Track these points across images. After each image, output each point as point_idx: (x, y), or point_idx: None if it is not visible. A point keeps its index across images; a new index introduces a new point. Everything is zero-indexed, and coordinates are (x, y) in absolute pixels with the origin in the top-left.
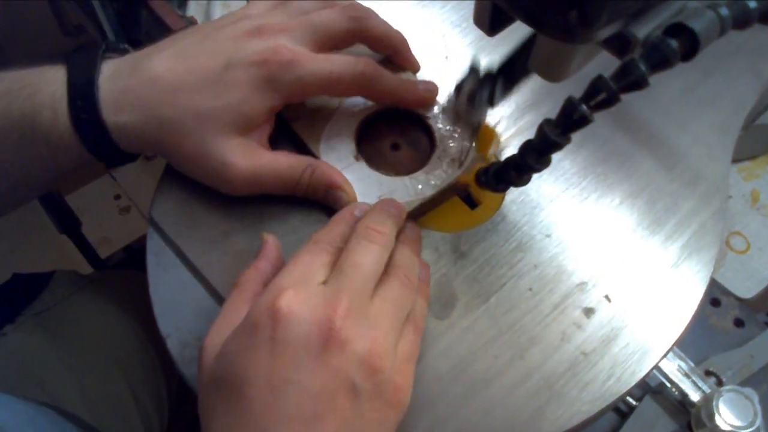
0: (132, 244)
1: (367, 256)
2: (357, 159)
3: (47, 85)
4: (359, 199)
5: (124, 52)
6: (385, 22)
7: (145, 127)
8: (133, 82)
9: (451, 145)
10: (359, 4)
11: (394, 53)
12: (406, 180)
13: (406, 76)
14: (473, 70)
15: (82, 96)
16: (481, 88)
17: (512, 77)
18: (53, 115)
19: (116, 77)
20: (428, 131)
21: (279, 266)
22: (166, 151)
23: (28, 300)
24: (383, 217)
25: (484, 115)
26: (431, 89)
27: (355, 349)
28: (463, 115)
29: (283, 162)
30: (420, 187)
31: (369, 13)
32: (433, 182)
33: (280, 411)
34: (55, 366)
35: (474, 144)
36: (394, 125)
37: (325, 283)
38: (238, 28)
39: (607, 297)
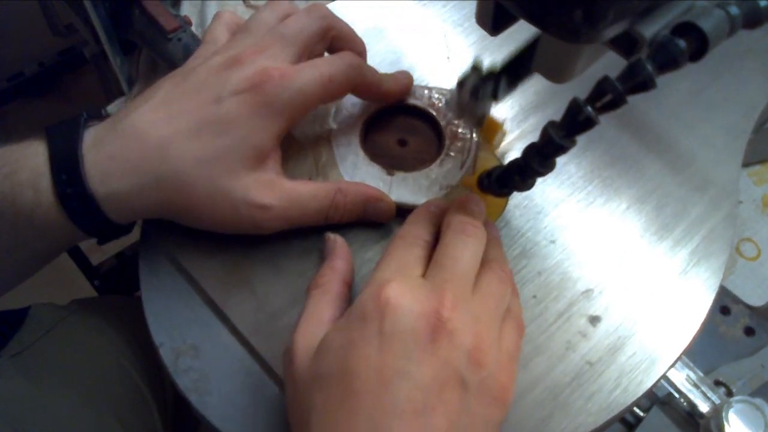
0: (124, 250)
1: (466, 250)
2: (362, 155)
3: (26, 161)
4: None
5: (105, 117)
6: (346, 23)
7: (141, 191)
8: (118, 145)
9: (459, 136)
10: (319, 4)
11: (363, 52)
12: (412, 177)
13: None
14: (476, 67)
15: (66, 169)
16: (485, 82)
17: (517, 75)
18: (35, 193)
19: (99, 144)
20: (435, 126)
21: (352, 264)
22: (174, 212)
23: (4, 340)
24: (474, 210)
25: (488, 108)
26: (408, 76)
27: (463, 342)
28: (467, 109)
29: (308, 192)
30: (429, 185)
31: (331, 12)
32: (443, 181)
33: (392, 403)
34: (38, 414)
35: (477, 139)
36: (400, 120)
37: (423, 276)
38: (213, 63)
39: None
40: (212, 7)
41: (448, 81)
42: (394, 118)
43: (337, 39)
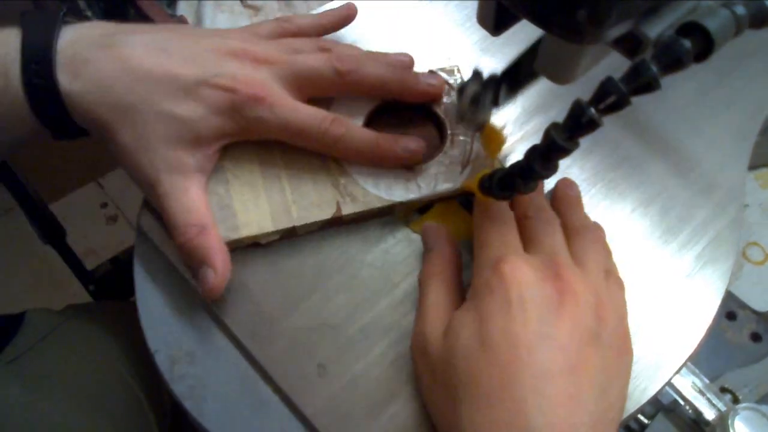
0: (119, 255)
1: (555, 235)
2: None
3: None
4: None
5: (85, 19)
6: (378, 67)
7: (98, 104)
8: (100, 55)
9: (461, 138)
10: (351, 55)
11: (397, 97)
12: (409, 174)
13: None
14: (476, 74)
15: (38, 59)
16: (485, 89)
17: (517, 80)
18: (4, 79)
19: (80, 45)
20: (438, 123)
21: (458, 249)
22: (107, 135)
23: None
24: (543, 201)
25: (488, 115)
26: (412, 150)
27: (587, 300)
28: (467, 116)
29: (187, 206)
30: (423, 184)
31: (359, 65)
32: (438, 180)
33: (539, 367)
34: (34, 421)
35: (478, 145)
36: (405, 115)
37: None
38: (223, 44)
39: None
40: (209, 6)
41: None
42: (395, 113)
43: (362, 90)
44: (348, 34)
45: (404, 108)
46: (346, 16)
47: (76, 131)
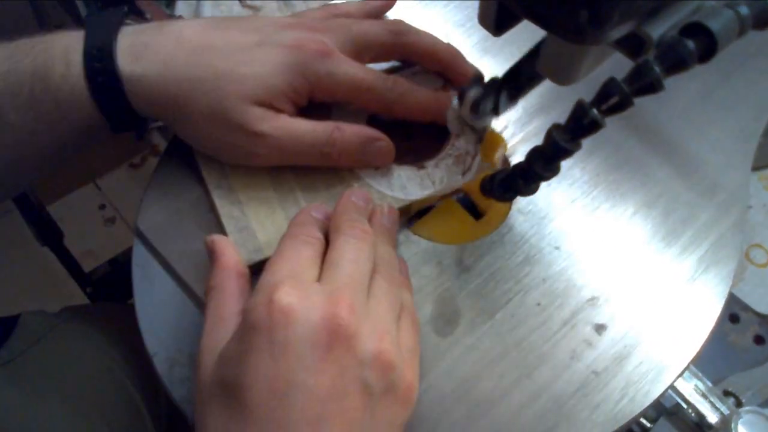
0: (117, 256)
1: (359, 253)
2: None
3: (63, 39)
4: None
5: (146, 20)
6: (430, 37)
7: (162, 84)
8: (157, 38)
9: (462, 141)
10: (403, 21)
11: (444, 68)
12: (421, 172)
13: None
14: (477, 77)
15: (99, 45)
16: (486, 95)
17: (519, 85)
18: (66, 66)
19: (139, 32)
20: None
21: (238, 256)
22: (179, 113)
23: None
24: (361, 207)
25: (489, 121)
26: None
27: (365, 347)
28: (467, 122)
29: (304, 126)
30: (436, 179)
31: (412, 29)
32: (438, 179)
33: (285, 416)
34: (29, 424)
35: (478, 152)
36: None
37: (318, 280)
38: (277, 20)
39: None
40: (207, 6)
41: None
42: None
43: (414, 54)
44: None
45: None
46: (387, 3)
47: (135, 122)
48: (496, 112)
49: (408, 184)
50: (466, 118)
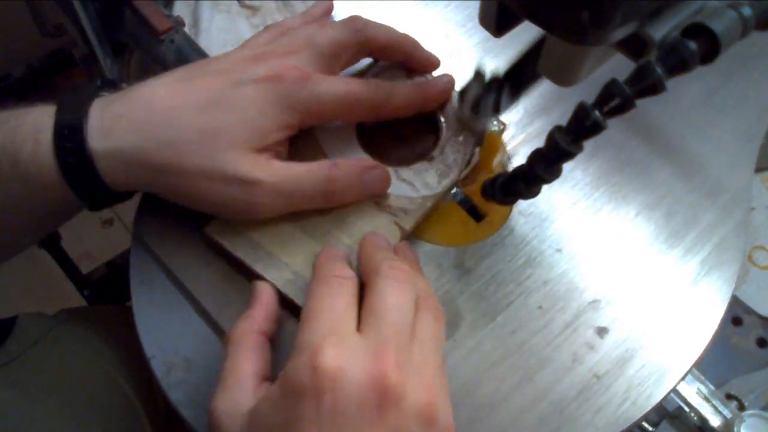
0: (115, 259)
1: (402, 298)
2: (357, 149)
3: (34, 117)
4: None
5: (120, 89)
6: (387, 28)
7: (140, 154)
8: (127, 107)
9: (454, 148)
10: (359, 16)
11: (406, 58)
12: (391, 172)
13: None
14: (478, 75)
15: (69, 124)
16: (487, 94)
17: (520, 83)
18: (35, 145)
19: (109, 104)
20: (435, 122)
21: (275, 312)
22: (167, 181)
23: None
24: (390, 250)
25: (489, 122)
26: (448, 83)
27: (412, 403)
28: (467, 123)
29: (301, 168)
30: (404, 185)
31: (369, 22)
32: (417, 182)
33: None
34: (25, 427)
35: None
36: (419, 122)
37: (359, 331)
38: (239, 56)
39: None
40: (206, 6)
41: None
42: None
43: (376, 49)
44: None
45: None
46: (328, 9)
47: (112, 198)
48: (497, 110)
49: (428, 179)
50: (466, 117)
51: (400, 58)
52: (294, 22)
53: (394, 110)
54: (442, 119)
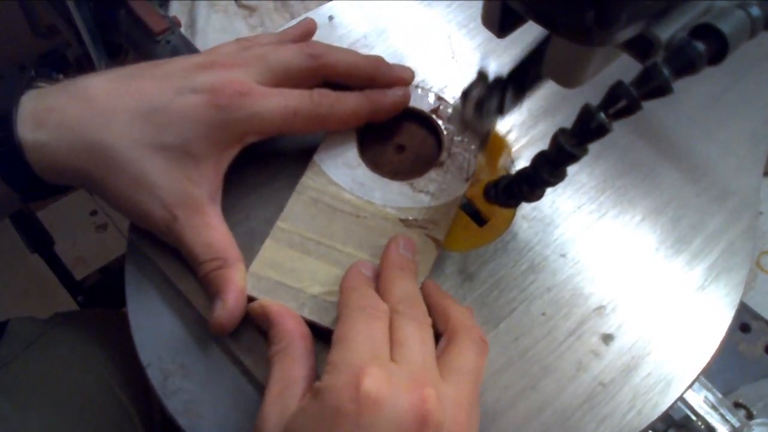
0: (109, 264)
1: (423, 334)
2: (358, 161)
3: None
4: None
5: (56, 81)
6: (350, 54)
7: (69, 152)
8: (62, 100)
9: (460, 149)
10: (319, 42)
11: (371, 82)
12: (384, 183)
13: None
14: (482, 75)
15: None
16: (490, 95)
17: (524, 84)
18: None
19: (43, 95)
20: (436, 131)
21: (299, 317)
22: (95, 185)
23: None
24: (411, 270)
25: (493, 124)
26: (402, 96)
27: (449, 428)
28: (471, 124)
29: (207, 236)
30: (422, 196)
31: (330, 49)
32: (434, 191)
33: None
34: None
35: (481, 155)
36: (400, 125)
37: (393, 359)
38: (190, 61)
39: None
40: (203, 7)
41: (452, 82)
42: (394, 121)
43: (335, 75)
44: (348, 35)
45: (401, 117)
46: (307, 30)
47: (47, 190)
48: (501, 112)
49: (444, 184)
50: (470, 118)
51: (361, 84)
52: (264, 39)
53: (340, 122)
54: (441, 123)
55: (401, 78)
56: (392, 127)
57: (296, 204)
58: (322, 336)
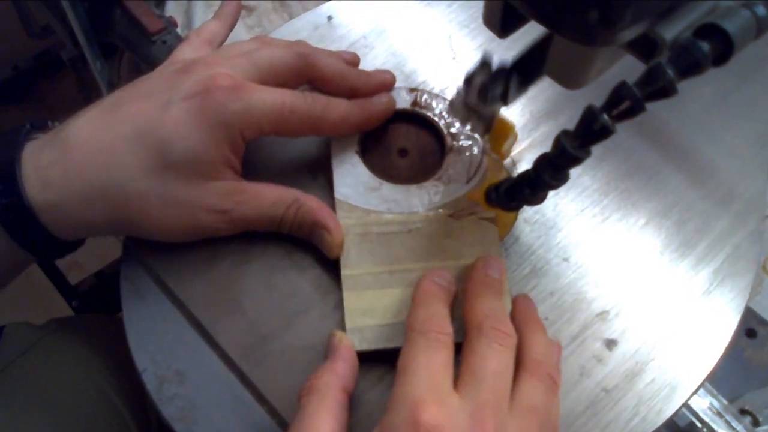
0: (104, 269)
1: (501, 362)
2: (377, 181)
3: None
4: (367, 205)
5: (50, 129)
6: (336, 59)
7: (84, 205)
8: (57, 153)
9: (464, 146)
10: (307, 42)
11: (352, 92)
12: (413, 190)
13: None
14: (485, 63)
15: (2, 177)
16: (494, 81)
17: (529, 73)
18: None
19: (38, 152)
20: (438, 134)
21: (356, 369)
22: (124, 225)
23: None
24: (501, 306)
25: (496, 110)
26: (388, 103)
27: None
28: (474, 112)
29: (268, 198)
30: (455, 185)
31: (317, 51)
32: (461, 173)
33: None
34: None
35: (485, 156)
36: (402, 128)
37: (456, 389)
38: (169, 70)
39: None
40: (199, 6)
41: (453, 83)
42: (396, 124)
43: (320, 80)
44: (348, 35)
45: (402, 120)
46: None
47: (65, 247)
48: (505, 100)
49: (466, 168)
50: (473, 104)
51: (344, 92)
52: (242, 42)
53: (333, 125)
54: (429, 114)
55: (383, 82)
56: (387, 136)
57: (349, 247)
58: None
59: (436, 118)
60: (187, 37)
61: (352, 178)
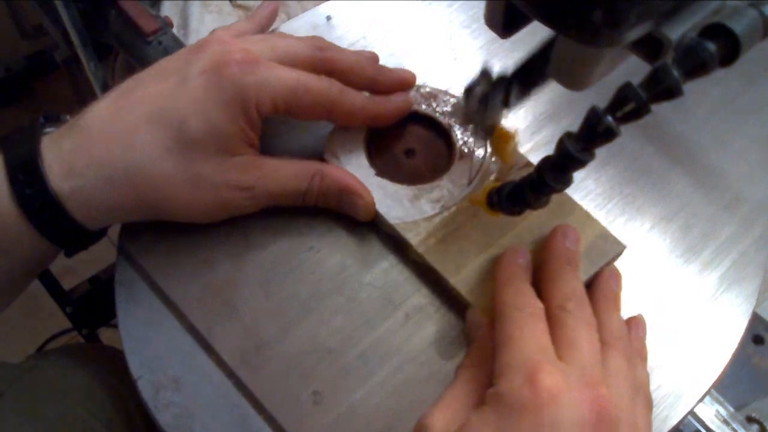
0: (99, 274)
1: (590, 334)
2: (413, 192)
3: None
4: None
5: (64, 122)
6: (354, 53)
7: (109, 187)
8: (77, 139)
9: (473, 148)
10: (322, 38)
11: (371, 84)
12: (420, 189)
13: None
14: (485, 73)
15: (24, 169)
16: (494, 90)
17: (529, 80)
18: None
19: (58, 141)
20: (445, 134)
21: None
22: (149, 207)
23: None
24: (581, 285)
25: (498, 117)
26: (404, 101)
27: (624, 426)
28: (475, 119)
29: (290, 171)
30: (439, 199)
31: (334, 46)
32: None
33: None
34: None
35: (489, 153)
36: (409, 128)
37: (562, 359)
38: (184, 50)
39: None
40: (195, 6)
41: (454, 84)
42: (403, 124)
43: (338, 72)
44: (349, 35)
45: (409, 120)
46: (272, 11)
47: (89, 238)
48: (506, 104)
49: (480, 150)
50: (473, 114)
51: (362, 84)
52: (240, 26)
53: (348, 112)
54: (446, 118)
55: (403, 80)
56: (394, 137)
57: (435, 262)
58: None
59: (444, 120)
60: (213, 31)
61: (392, 201)
